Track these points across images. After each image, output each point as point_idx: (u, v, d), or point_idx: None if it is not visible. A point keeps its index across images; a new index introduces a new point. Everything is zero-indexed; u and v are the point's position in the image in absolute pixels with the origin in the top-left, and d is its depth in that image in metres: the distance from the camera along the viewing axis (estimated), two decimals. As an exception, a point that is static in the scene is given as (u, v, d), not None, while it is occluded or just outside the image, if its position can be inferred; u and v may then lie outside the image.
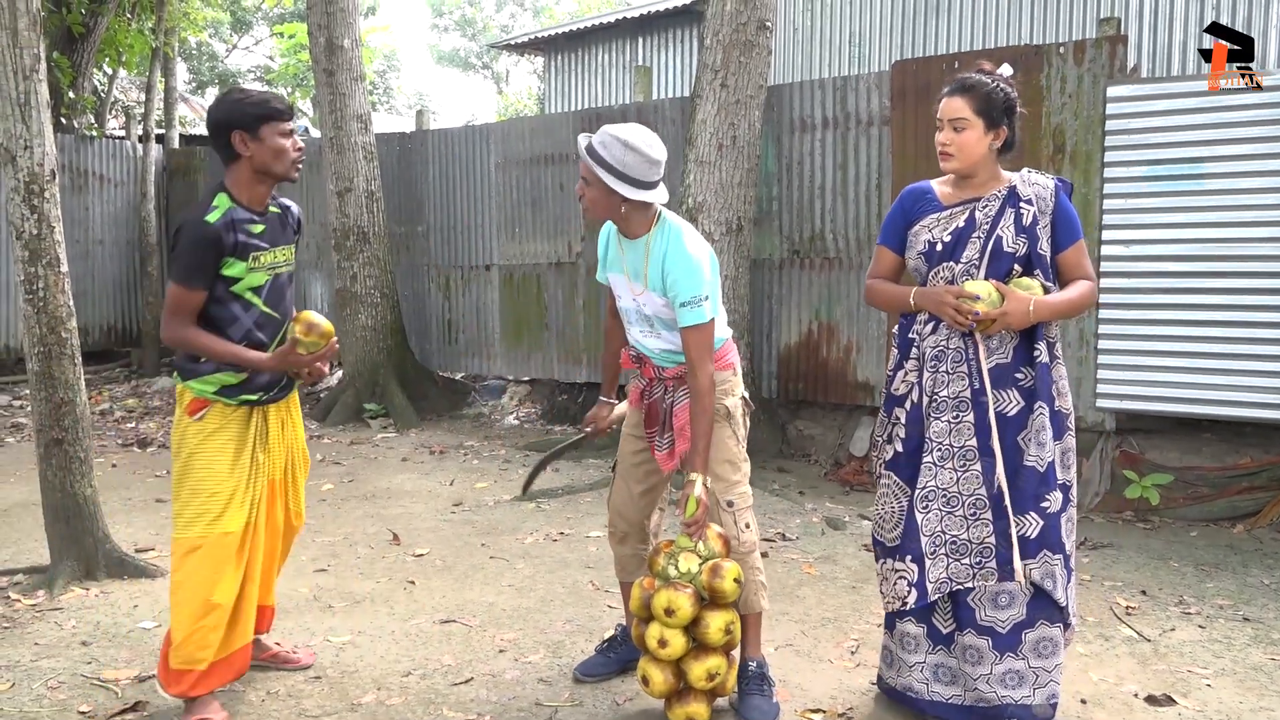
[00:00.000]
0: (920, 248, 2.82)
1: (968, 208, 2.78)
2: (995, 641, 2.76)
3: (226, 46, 23.00)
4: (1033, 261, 2.75)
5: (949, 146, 2.74)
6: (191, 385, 2.89)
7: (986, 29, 8.70)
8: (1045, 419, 2.72)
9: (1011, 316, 2.64)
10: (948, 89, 2.77)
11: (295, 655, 3.33)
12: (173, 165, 10.65)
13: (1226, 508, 5.09)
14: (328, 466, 6.44)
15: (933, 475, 2.77)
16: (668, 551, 2.83)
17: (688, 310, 2.81)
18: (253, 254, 2.86)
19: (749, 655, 3.01)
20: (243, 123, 2.80)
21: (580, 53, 12.68)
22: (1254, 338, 5.02)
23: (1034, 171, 2.83)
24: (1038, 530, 2.72)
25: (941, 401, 2.76)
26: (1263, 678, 3.26)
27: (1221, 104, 5.02)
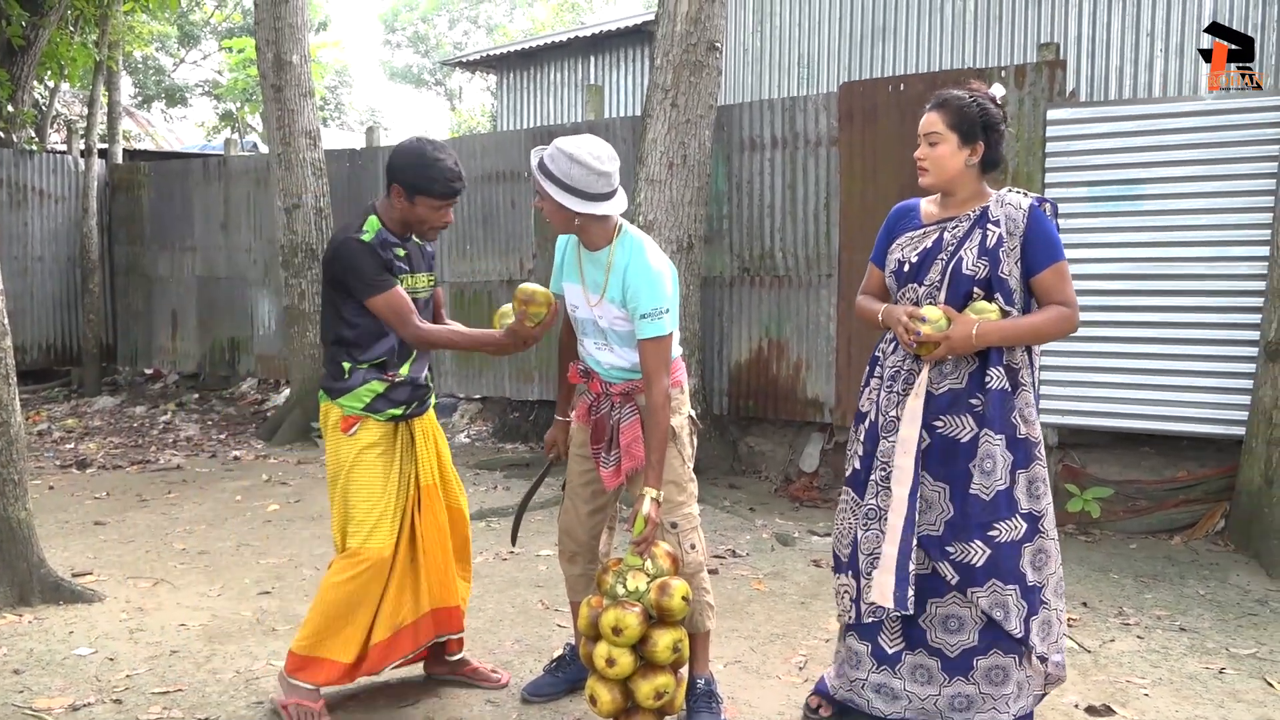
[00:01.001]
0: (892, 267, 2.84)
1: (939, 227, 2.78)
2: (944, 664, 2.75)
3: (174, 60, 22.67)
4: (993, 285, 2.68)
5: (923, 161, 2.75)
6: (341, 402, 3.01)
7: (931, 53, 8.88)
8: (992, 447, 2.66)
9: (954, 341, 2.62)
10: (928, 105, 2.78)
11: (495, 675, 3.33)
12: (116, 180, 10.46)
13: (1164, 520, 5.21)
14: (274, 487, 6.34)
15: (874, 495, 2.78)
16: (616, 570, 2.82)
17: (648, 322, 2.81)
18: (400, 276, 2.99)
19: (697, 673, 3.02)
20: (406, 184, 2.91)
21: (533, 71, 12.71)
22: (1190, 354, 5.16)
23: (1012, 191, 2.77)
24: (984, 559, 2.66)
25: (890, 421, 2.77)
26: (1198, 686, 3.34)
27: (1157, 127, 5.17)
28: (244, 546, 4.98)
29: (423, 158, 2.90)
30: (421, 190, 2.90)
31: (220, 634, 3.77)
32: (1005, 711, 2.75)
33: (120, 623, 3.87)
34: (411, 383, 3.07)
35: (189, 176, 9.89)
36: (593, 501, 3.09)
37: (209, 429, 8.40)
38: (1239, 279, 5.03)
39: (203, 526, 5.36)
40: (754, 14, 10.04)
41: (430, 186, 2.90)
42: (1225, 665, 3.52)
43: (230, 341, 9.67)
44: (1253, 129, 4.96)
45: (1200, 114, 5.10)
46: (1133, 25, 7.79)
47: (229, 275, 9.62)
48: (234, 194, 9.52)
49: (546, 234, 7.45)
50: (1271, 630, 3.87)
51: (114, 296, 10.52)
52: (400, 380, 3.04)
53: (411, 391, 3.07)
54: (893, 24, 9.10)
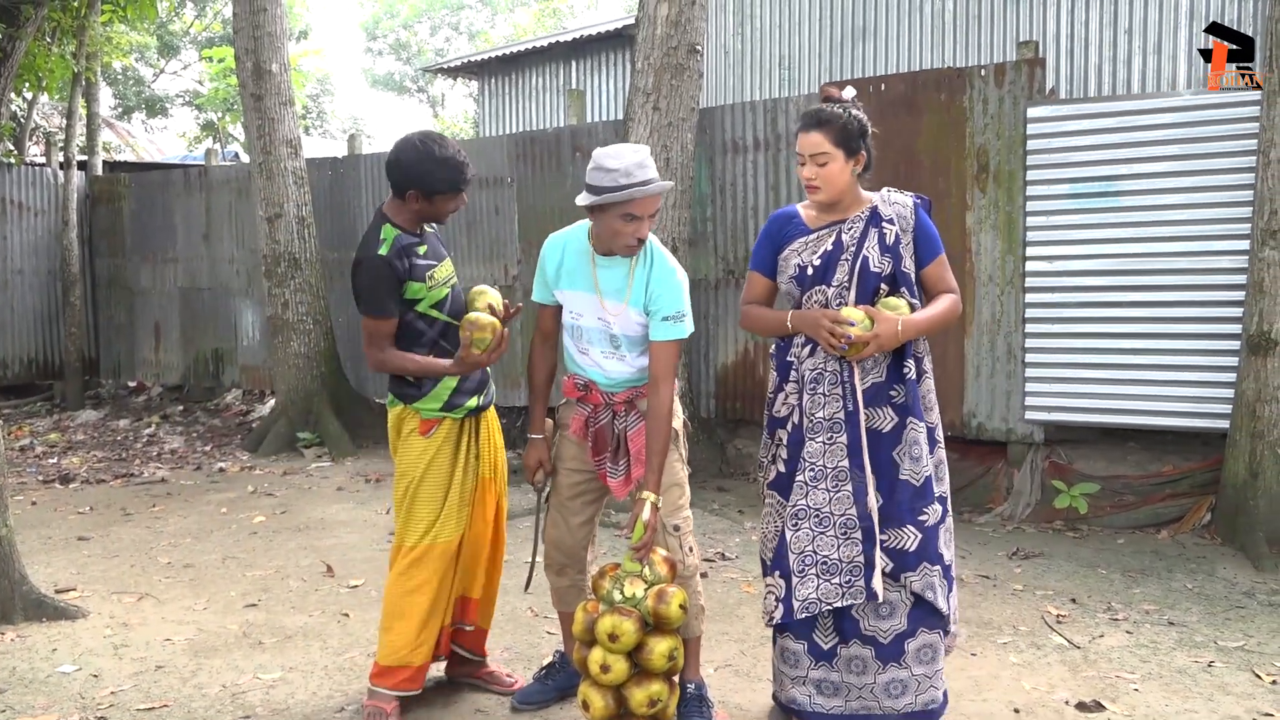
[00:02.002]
0: (791, 272, 2.86)
1: (834, 230, 2.84)
2: (878, 651, 2.81)
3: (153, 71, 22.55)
4: (898, 280, 2.82)
5: (814, 180, 2.79)
6: (418, 407, 3.05)
7: (911, 52, 8.91)
8: (917, 434, 2.79)
9: (883, 339, 2.71)
10: (804, 124, 2.80)
11: (509, 679, 3.32)
12: (96, 192, 10.39)
13: (1151, 515, 5.23)
14: (260, 498, 6.30)
15: (804, 494, 2.79)
16: (613, 575, 2.80)
17: (669, 324, 2.87)
18: (428, 273, 3.02)
19: (688, 677, 3.01)
20: (423, 187, 2.95)
21: (514, 76, 12.69)
22: (1173, 349, 5.18)
23: (893, 190, 2.91)
24: (916, 543, 2.77)
25: (817, 423, 2.79)
26: (1187, 680, 3.35)
27: (1136, 124, 5.20)
28: (230, 559, 4.94)
29: (430, 159, 2.93)
30: (440, 190, 2.96)
31: (206, 648, 3.74)
32: (939, 687, 2.86)
33: (104, 639, 3.83)
34: (479, 375, 3.11)
35: (170, 187, 9.82)
36: (582, 513, 3.07)
37: (193, 441, 8.34)
38: (1220, 273, 5.06)
39: (188, 540, 5.31)
40: (734, 16, 10.05)
41: (447, 185, 2.96)
42: (1214, 658, 3.53)
43: (214, 353, 9.61)
44: (1231, 124, 4.99)
45: (1179, 110, 5.13)
46: (1111, 22, 7.83)
47: (211, 286, 9.56)
48: (216, 204, 9.47)
49: (531, 239, 7.43)
50: (1259, 622, 3.89)
51: (96, 309, 10.44)
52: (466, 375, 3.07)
53: (480, 381, 3.13)
54: (873, 24, 9.13)
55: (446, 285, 3.09)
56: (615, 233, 2.80)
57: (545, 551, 3.14)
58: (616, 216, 2.77)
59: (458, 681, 3.33)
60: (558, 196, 7.24)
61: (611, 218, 2.78)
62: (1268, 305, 4.76)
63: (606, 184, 2.74)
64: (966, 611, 4.03)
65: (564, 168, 7.23)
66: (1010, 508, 5.49)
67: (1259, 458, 4.81)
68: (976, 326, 5.62)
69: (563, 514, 3.08)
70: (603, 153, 2.78)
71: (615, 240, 2.82)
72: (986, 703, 3.18)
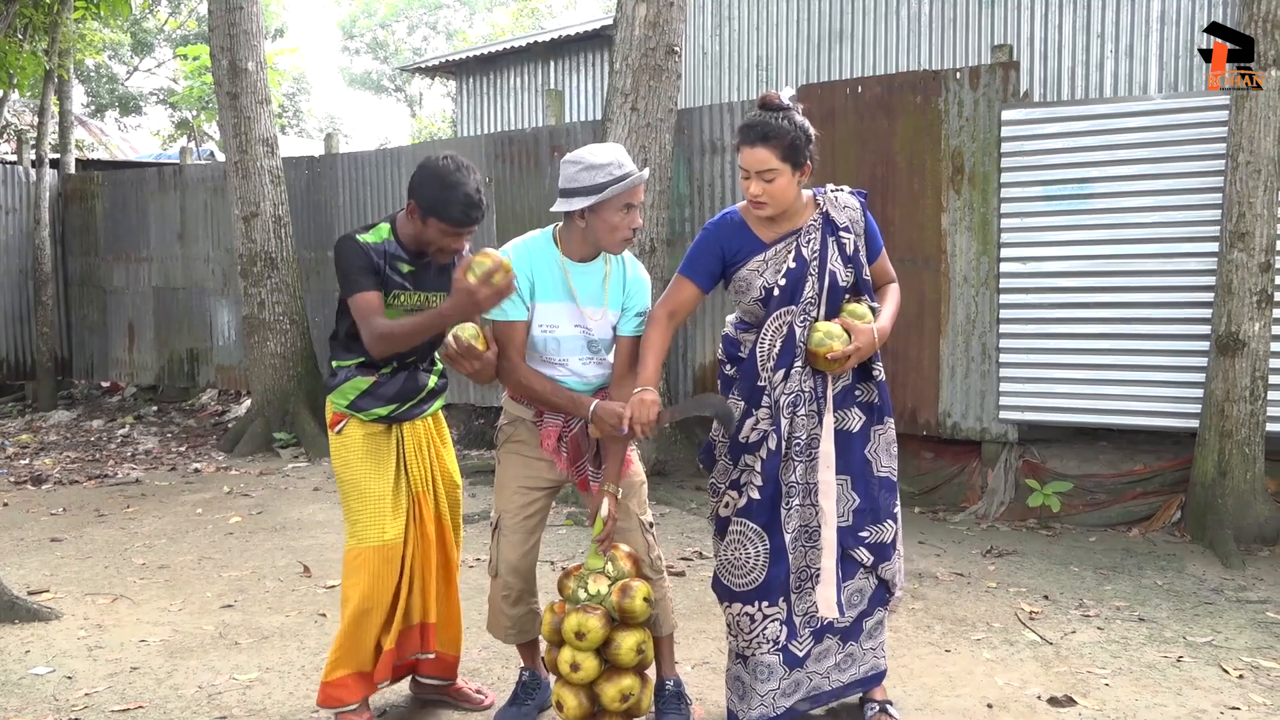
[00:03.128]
0: (756, 295, 2.78)
1: (790, 242, 2.77)
2: (843, 635, 2.90)
3: (127, 68, 22.34)
4: (859, 287, 2.84)
5: (761, 197, 2.69)
6: (331, 399, 2.99)
7: (887, 55, 8.97)
8: (890, 431, 2.88)
9: (863, 350, 2.74)
10: (746, 138, 2.67)
11: (478, 695, 3.24)
12: (69, 191, 10.28)
13: (1123, 513, 5.30)
14: (235, 499, 6.26)
15: (797, 518, 2.81)
16: (577, 575, 2.82)
17: (641, 320, 2.92)
18: (394, 291, 2.89)
19: (665, 675, 3.02)
20: (422, 204, 2.80)
21: (492, 76, 12.67)
22: (1144, 349, 5.26)
23: (838, 191, 2.85)
24: (892, 535, 2.89)
25: (800, 445, 2.79)
26: (1156, 675, 3.40)
27: (1108, 127, 5.27)
28: (205, 560, 4.91)
29: (444, 180, 2.77)
30: (435, 213, 2.78)
31: (182, 649, 3.72)
32: (881, 658, 3.00)
33: (79, 640, 3.80)
34: (400, 383, 2.98)
35: (144, 186, 9.74)
36: (534, 534, 3.00)
37: (168, 441, 8.28)
38: (1190, 274, 5.13)
39: (163, 540, 5.28)
40: (712, 17, 10.08)
41: (444, 211, 2.77)
42: (1183, 654, 3.58)
43: (189, 353, 9.53)
44: (1201, 128, 5.07)
45: (1150, 113, 5.20)
46: (1084, 27, 7.92)
47: (186, 286, 9.49)
48: (190, 203, 9.40)
49: (509, 238, 7.41)
50: (1226, 618, 3.95)
51: (68, 309, 10.34)
52: (385, 379, 2.96)
53: (399, 391, 2.98)
54: (850, 27, 9.18)
55: (405, 312, 2.91)
56: (613, 227, 2.76)
57: (502, 582, 2.98)
58: (616, 210, 2.75)
59: (425, 700, 3.25)
60: (536, 196, 7.25)
61: (610, 212, 2.75)
62: (1236, 306, 4.83)
63: (603, 179, 2.72)
64: (941, 609, 4.07)
65: (542, 168, 7.23)
66: (985, 506, 5.55)
67: (1227, 456, 4.89)
68: (951, 327, 5.67)
69: (516, 536, 2.96)
70: (582, 154, 2.76)
71: (612, 236, 2.77)
72: (960, 698, 3.22)
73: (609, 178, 2.72)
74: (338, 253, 2.87)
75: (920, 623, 3.93)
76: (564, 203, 2.78)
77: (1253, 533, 4.84)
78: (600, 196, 2.73)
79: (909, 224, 5.74)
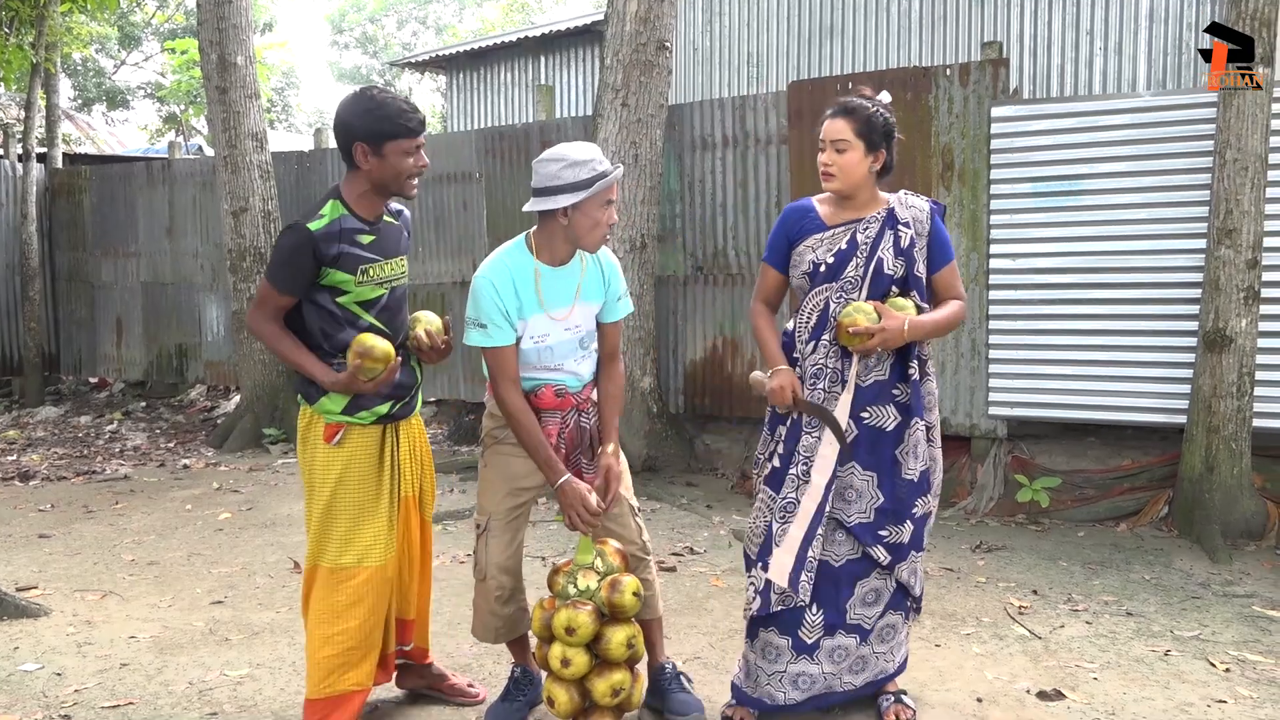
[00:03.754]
0: (805, 268, 2.87)
1: (849, 229, 2.85)
2: (862, 637, 2.90)
3: (114, 62, 22.21)
4: (909, 283, 2.83)
5: (830, 167, 2.81)
6: (319, 409, 2.78)
7: (878, 51, 8.99)
8: (919, 433, 2.85)
9: (889, 334, 2.71)
10: (831, 111, 2.84)
11: (472, 690, 3.21)
12: (55, 185, 10.22)
13: (1111, 508, 5.33)
14: (225, 495, 6.24)
15: (794, 488, 2.84)
16: (566, 571, 2.83)
17: (623, 302, 2.96)
18: (361, 267, 2.75)
19: (662, 660, 3.07)
20: (367, 137, 2.65)
21: (483, 71, 12.65)
22: (1132, 345, 5.28)
23: (910, 194, 2.92)
24: (910, 536, 2.86)
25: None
26: (1144, 669, 3.42)
27: (1097, 123, 5.28)
28: (195, 556, 4.90)
29: (372, 102, 2.66)
30: (387, 134, 2.64)
31: (172, 645, 3.71)
32: (891, 661, 2.99)
33: (68, 637, 3.79)
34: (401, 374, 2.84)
35: (132, 180, 9.69)
36: (518, 534, 2.99)
37: (157, 438, 8.25)
38: (1178, 271, 5.16)
39: (152, 537, 5.26)
40: (703, 13, 10.08)
41: (394, 127, 2.64)
42: (1170, 647, 3.61)
43: (178, 348, 9.50)
44: (1189, 124, 5.09)
45: (1139, 110, 5.22)
46: (1073, 24, 7.95)
47: (175, 281, 9.45)
48: (179, 198, 9.36)
49: (499, 235, 7.41)
50: (1214, 612, 3.98)
51: (56, 304, 10.28)
52: None
53: (397, 385, 2.82)
54: (840, 23, 9.19)
55: (385, 285, 2.80)
56: (595, 224, 2.76)
57: (494, 583, 2.94)
58: (598, 205, 2.75)
59: (417, 693, 3.24)
60: (526, 191, 7.21)
61: (593, 208, 2.75)
62: (1223, 303, 4.86)
63: (588, 175, 2.71)
64: (931, 604, 4.09)
65: (532, 163, 7.21)
66: (974, 502, 5.58)
67: (1214, 452, 4.92)
68: (941, 323, 5.69)
69: (504, 536, 2.94)
70: (562, 151, 2.73)
71: (594, 232, 2.78)
72: (950, 692, 3.23)
73: (593, 173, 2.72)
74: (284, 237, 2.71)
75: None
76: (544, 201, 2.74)
77: (1239, 527, 4.88)
78: (589, 192, 2.72)
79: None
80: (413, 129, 2.68)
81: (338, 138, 2.72)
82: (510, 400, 2.80)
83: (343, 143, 2.71)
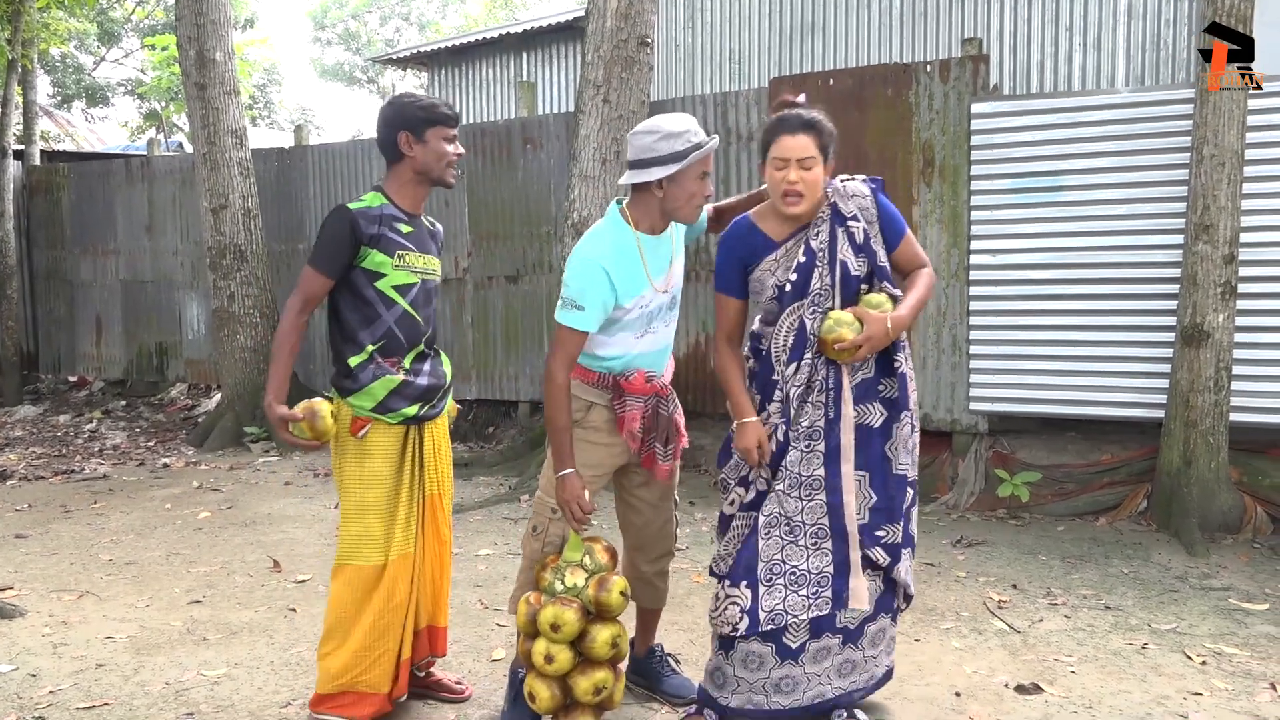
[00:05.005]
0: (770, 293, 2.80)
1: (799, 238, 2.78)
2: (845, 637, 2.84)
3: (94, 58, 22.02)
4: (876, 274, 2.78)
5: (797, 185, 2.67)
6: (351, 401, 2.86)
7: (859, 48, 9.00)
8: (909, 428, 2.79)
9: (875, 340, 2.68)
10: (788, 127, 2.69)
11: (458, 686, 3.20)
12: (33, 182, 10.13)
13: (1090, 502, 5.36)
14: (205, 494, 6.20)
15: (778, 503, 2.78)
16: (554, 566, 2.81)
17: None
18: (399, 251, 2.87)
19: (655, 643, 3.18)
20: (410, 125, 2.85)
21: (465, 67, 12.60)
22: (1111, 340, 5.31)
23: (846, 180, 2.83)
24: (902, 535, 2.82)
25: (800, 431, 2.77)
26: (1121, 662, 3.44)
27: (1077, 120, 5.31)
28: (174, 555, 4.87)
29: (412, 98, 2.89)
30: (429, 121, 2.84)
31: (149, 645, 3.68)
32: (880, 666, 2.96)
33: (43, 637, 3.75)
34: (427, 376, 2.93)
35: (111, 178, 9.61)
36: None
37: (137, 436, 8.18)
38: (1156, 266, 5.19)
39: (130, 536, 5.22)
40: (684, 9, 10.07)
41: (434, 115, 2.85)
42: (1148, 641, 3.63)
43: (158, 346, 9.43)
44: (1167, 121, 5.12)
45: (1118, 107, 5.25)
46: (1053, 20, 7.98)
47: (155, 279, 9.38)
48: (159, 195, 9.29)
49: (481, 232, 7.40)
50: (1190, 605, 4.01)
51: (34, 302, 10.19)
52: (412, 374, 2.89)
53: (426, 389, 2.93)
54: (821, 20, 9.20)
55: (417, 275, 2.92)
56: (691, 195, 2.74)
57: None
58: (694, 178, 2.72)
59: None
60: (509, 188, 7.22)
61: (689, 180, 2.72)
62: (1200, 298, 4.89)
63: (683, 146, 2.68)
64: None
65: (514, 159, 7.20)
66: (955, 496, 5.60)
67: (1192, 446, 4.95)
68: (923, 318, 5.71)
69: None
70: (657, 123, 2.70)
71: (690, 204, 2.75)
72: (929, 687, 3.24)
73: (688, 144, 2.69)
74: (327, 219, 2.85)
75: (890, 612, 3.96)
76: (640, 174, 2.71)
77: (1217, 521, 4.92)
78: (684, 163, 2.68)
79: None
80: (451, 118, 2.89)
81: (381, 136, 2.89)
82: (560, 377, 2.77)
83: (387, 138, 2.87)
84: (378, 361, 2.87)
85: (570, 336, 2.75)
